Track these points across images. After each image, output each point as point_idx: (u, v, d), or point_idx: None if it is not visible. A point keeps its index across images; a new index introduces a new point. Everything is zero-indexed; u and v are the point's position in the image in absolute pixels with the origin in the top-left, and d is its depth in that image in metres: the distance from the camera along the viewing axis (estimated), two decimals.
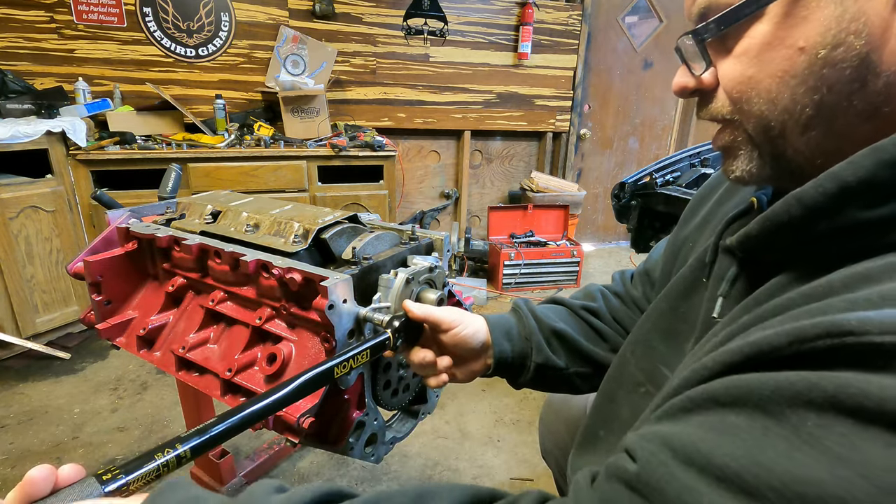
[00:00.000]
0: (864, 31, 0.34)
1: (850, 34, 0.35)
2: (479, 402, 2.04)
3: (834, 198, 0.34)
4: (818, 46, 0.36)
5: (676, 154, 2.05)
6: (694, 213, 0.67)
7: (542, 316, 0.76)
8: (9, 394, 1.99)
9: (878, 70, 0.35)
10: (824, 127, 0.38)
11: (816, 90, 0.37)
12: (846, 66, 0.35)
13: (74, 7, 2.50)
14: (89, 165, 2.26)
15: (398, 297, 0.77)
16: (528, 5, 3.24)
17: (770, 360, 0.30)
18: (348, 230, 0.89)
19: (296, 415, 0.68)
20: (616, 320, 0.81)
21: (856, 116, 0.37)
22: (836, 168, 0.35)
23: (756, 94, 0.40)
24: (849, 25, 0.35)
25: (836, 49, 0.35)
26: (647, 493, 0.31)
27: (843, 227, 0.35)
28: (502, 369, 0.74)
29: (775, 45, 0.38)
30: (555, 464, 1.02)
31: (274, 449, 1.64)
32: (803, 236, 0.38)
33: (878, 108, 0.36)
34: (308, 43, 2.89)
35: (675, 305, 0.57)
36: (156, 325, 0.94)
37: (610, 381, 0.66)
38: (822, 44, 0.36)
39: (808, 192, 0.36)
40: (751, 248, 0.43)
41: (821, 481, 0.25)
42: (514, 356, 0.73)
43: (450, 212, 3.71)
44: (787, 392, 0.27)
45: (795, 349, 0.29)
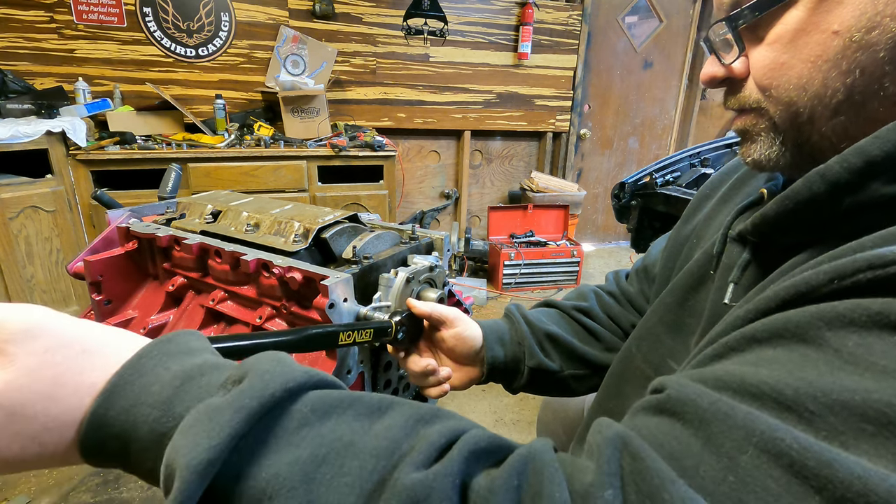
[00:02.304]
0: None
1: (885, 16, 0.34)
2: (479, 402, 2.04)
3: (859, 173, 0.34)
4: (853, 30, 0.36)
5: (676, 154, 2.05)
6: (697, 209, 0.67)
7: (535, 320, 0.76)
8: None
9: None
10: (853, 112, 0.38)
11: (849, 74, 0.37)
12: (880, 49, 0.35)
13: (74, 7, 2.50)
14: (89, 165, 2.26)
15: (398, 296, 0.77)
16: (528, 5, 3.24)
17: (810, 298, 0.29)
18: (348, 229, 0.89)
19: None
20: (610, 318, 0.80)
21: (885, 100, 0.37)
22: (862, 143, 0.34)
23: (787, 80, 0.40)
24: (885, 8, 0.34)
25: (872, 32, 0.35)
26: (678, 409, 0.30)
27: (867, 202, 0.34)
28: (496, 374, 0.74)
29: (809, 31, 0.38)
30: None
31: None
32: (825, 214, 0.37)
33: None
34: (308, 43, 2.89)
35: (681, 299, 0.57)
36: (156, 325, 0.94)
37: (614, 377, 0.66)
38: (856, 27, 0.35)
39: (833, 168, 0.35)
40: (767, 231, 0.43)
41: (866, 390, 0.24)
42: (507, 361, 0.73)
43: (450, 212, 3.72)
44: (828, 316, 0.26)
45: (836, 286, 0.28)
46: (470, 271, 3.38)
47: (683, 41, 3.79)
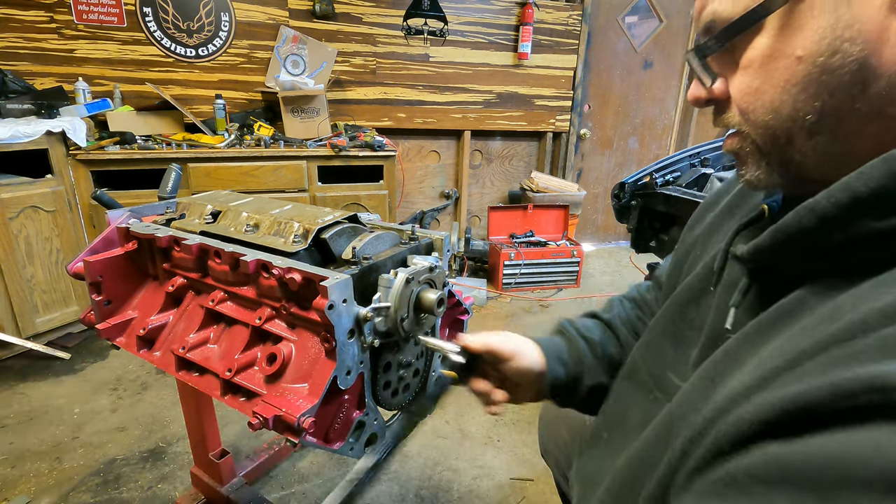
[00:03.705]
0: (860, 37, 0.35)
1: (844, 41, 0.35)
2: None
3: (847, 208, 0.35)
4: (815, 55, 0.37)
5: (676, 154, 2.05)
6: (701, 218, 0.67)
7: (589, 334, 0.76)
8: (9, 394, 1.99)
9: (878, 72, 0.35)
10: (830, 131, 0.38)
11: (818, 97, 0.37)
12: (845, 72, 0.36)
13: (74, 7, 2.50)
14: (89, 165, 2.26)
15: (398, 296, 0.77)
16: (528, 5, 3.24)
17: (806, 421, 0.27)
18: (348, 230, 0.89)
19: (296, 414, 0.68)
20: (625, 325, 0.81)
21: (860, 119, 0.37)
22: (848, 178, 0.35)
23: (761, 104, 0.40)
24: (843, 33, 0.35)
25: (833, 56, 0.36)
26: None
27: (859, 237, 0.35)
28: (555, 393, 0.74)
29: (776, 56, 0.39)
30: (554, 464, 1.02)
31: (274, 449, 1.64)
32: (817, 248, 0.38)
33: (882, 110, 0.36)
34: (308, 43, 2.89)
35: (683, 311, 0.57)
36: (156, 325, 0.94)
37: (620, 383, 0.66)
38: (818, 52, 0.36)
39: (821, 203, 0.36)
40: (762, 260, 0.43)
41: None
42: (567, 381, 0.73)
43: (450, 212, 3.71)
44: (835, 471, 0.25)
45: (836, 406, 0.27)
46: (470, 271, 3.38)
47: (683, 41, 3.79)
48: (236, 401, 0.79)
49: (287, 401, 0.71)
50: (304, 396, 0.72)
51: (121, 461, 1.66)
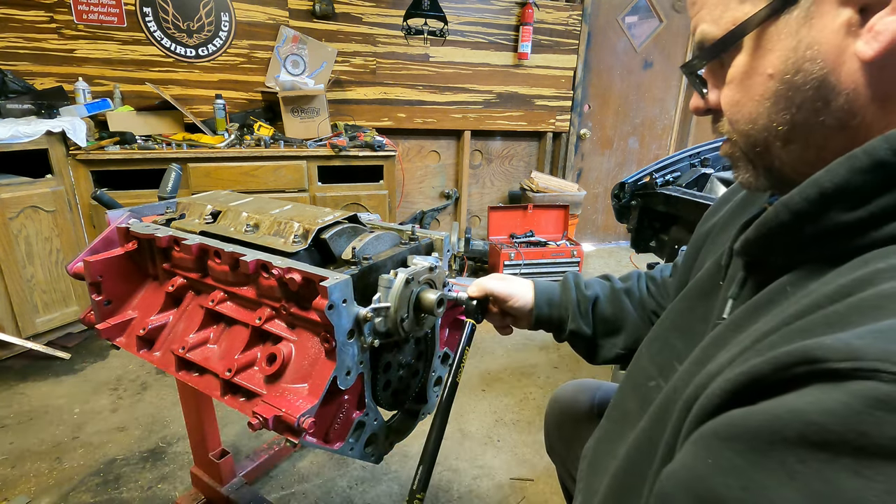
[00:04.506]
0: (819, 57, 0.39)
1: (806, 61, 0.39)
2: (479, 402, 2.04)
3: (815, 203, 0.38)
4: (783, 73, 0.41)
5: (676, 154, 2.05)
6: (715, 212, 0.70)
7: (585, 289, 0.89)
8: (9, 394, 1.99)
9: (837, 89, 0.39)
10: (802, 140, 0.42)
11: (787, 110, 0.41)
12: (808, 88, 0.40)
13: (74, 7, 2.50)
14: (89, 165, 2.26)
15: (398, 297, 0.77)
16: (528, 5, 3.24)
17: (757, 390, 0.31)
18: (348, 230, 0.89)
19: (296, 415, 0.68)
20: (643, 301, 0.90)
21: (827, 129, 0.40)
22: (816, 175, 0.38)
23: (742, 116, 0.45)
24: (804, 53, 0.39)
25: (797, 74, 0.40)
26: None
27: (828, 229, 0.38)
28: (542, 326, 0.91)
29: (751, 74, 0.43)
30: (559, 461, 1.03)
31: (274, 449, 1.64)
32: (793, 239, 0.41)
33: (845, 123, 0.40)
34: (308, 43, 2.89)
35: (693, 305, 0.59)
36: (156, 325, 0.94)
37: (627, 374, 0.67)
38: (784, 70, 0.40)
39: (794, 198, 0.39)
40: (751, 252, 0.47)
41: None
42: (552, 319, 0.89)
43: (450, 212, 3.71)
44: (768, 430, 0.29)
45: (776, 377, 0.30)
46: (470, 271, 3.38)
47: (683, 41, 3.78)
48: (236, 401, 0.79)
49: (287, 401, 0.71)
50: (304, 396, 0.72)
51: (121, 461, 1.66)
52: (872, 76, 0.37)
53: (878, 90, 0.38)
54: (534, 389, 2.14)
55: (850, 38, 0.37)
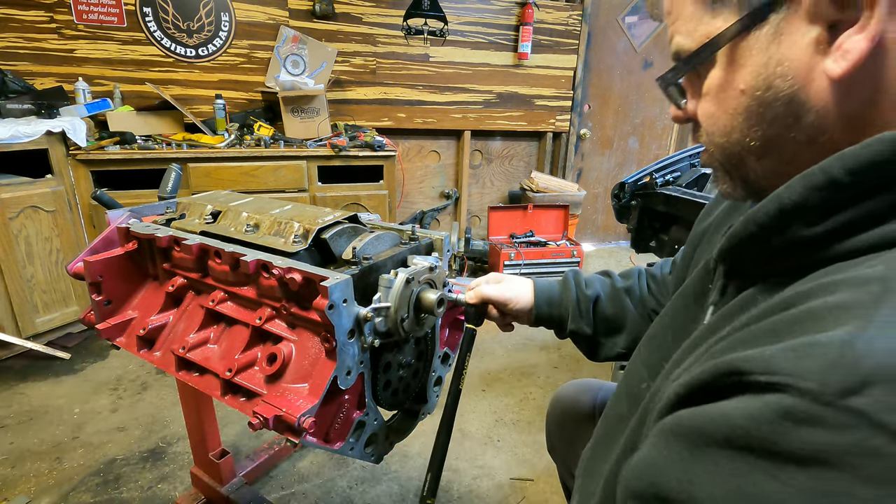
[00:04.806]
0: (789, 74, 0.39)
1: (776, 77, 0.39)
2: (479, 402, 2.04)
3: (776, 218, 0.39)
4: (754, 89, 0.41)
5: (676, 154, 2.05)
6: (711, 211, 0.70)
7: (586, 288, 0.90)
8: (9, 394, 1.99)
9: (807, 106, 0.39)
10: (775, 155, 0.43)
11: (759, 125, 0.42)
12: (779, 104, 0.40)
13: (74, 7, 2.50)
14: (89, 165, 2.26)
15: (398, 297, 0.77)
16: (528, 5, 3.24)
17: (697, 395, 0.34)
18: (348, 230, 0.89)
19: (296, 414, 0.68)
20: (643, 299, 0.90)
21: (798, 145, 0.41)
22: (777, 191, 0.39)
23: (717, 128, 0.45)
24: (775, 70, 0.39)
25: (768, 91, 0.40)
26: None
27: (792, 242, 0.39)
28: (542, 324, 0.92)
29: (725, 88, 0.43)
30: (561, 461, 1.03)
31: (274, 449, 1.64)
32: (761, 251, 0.42)
33: (814, 139, 0.40)
34: (308, 43, 2.89)
35: (686, 306, 0.59)
36: (156, 325, 0.94)
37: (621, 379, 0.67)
38: (756, 86, 0.41)
39: (758, 213, 0.40)
40: (726, 261, 0.48)
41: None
42: (552, 318, 0.91)
43: (450, 212, 3.71)
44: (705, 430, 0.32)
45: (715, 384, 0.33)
46: (470, 271, 3.38)
47: None
48: (236, 401, 0.79)
49: (287, 401, 0.71)
50: (305, 396, 0.72)
51: (121, 461, 1.66)
52: (841, 94, 0.37)
53: (846, 108, 0.38)
54: (534, 389, 2.14)
55: (819, 56, 0.37)
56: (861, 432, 0.25)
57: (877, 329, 0.28)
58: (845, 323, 0.29)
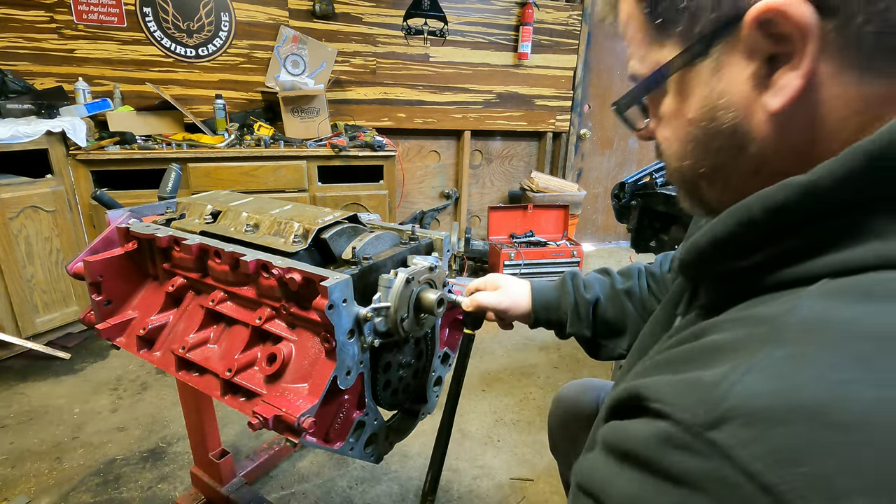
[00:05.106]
0: (731, 107, 0.39)
1: (719, 109, 0.40)
2: (479, 402, 2.04)
3: (711, 247, 0.40)
4: (700, 118, 0.42)
5: None
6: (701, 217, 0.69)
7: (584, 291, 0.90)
8: (9, 394, 1.99)
9: (750, 137, 0.40)
10: (723, 182, 0.44)
11: (707, 154, 0.43)
12: (723, 135, 0.41)
13: (74, 7, 2.50)
14: (89, 165, 2.26)
15: (398, 297, 0.77)
16: (528, 5, 3.24)
17: (617, 410, 0.38)
18: (348, 230, 0.89)
19: (296, 414, 0.68)
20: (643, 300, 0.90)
21: (743, 174, 0.42)
22: (711, 223, 0.40)
23: (672, 152, 0.46)
24: (717, 102, 0.40)
25: (712, 122, 0.41)
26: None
27: (727, 271, 0.41)
28: (541, 326, 0.94)
29: (676, 115, 0.44)
30: (563, 459, 1.03)
31: (274, 449, 1.64)
32: (705, 274, 0.44)
33: (759, 169, 0.41)
34: (308, 43, 2.89)
35: (664, 312, 0.60)
36: (156, 325, 0.94)
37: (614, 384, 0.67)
38: (701, 117, 0.41)
39: (699, 240, 0.41)
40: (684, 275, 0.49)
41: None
42: (549, 322, 0.93)
43: (450, 212, 3.71)
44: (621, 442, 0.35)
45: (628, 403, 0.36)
46: (470, 271, 3.38)
47: None
48: (236, 401, 0.79)
49: (287, 401, 0.71)
50: (304, 396, 0.72)
51: (121, 461, 1.66)
52: (780, 127, 0.38)
53: (787, 140, 0.39)
54: (534, 389, 2.14)
55: (758, 90, 0.38)
56: (715, 462, 0.28)
57: (744, 373, 0.30)
58: (727, 363, 0.32)
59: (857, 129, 0.36)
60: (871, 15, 0.33)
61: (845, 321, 0.30)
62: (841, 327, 0.30)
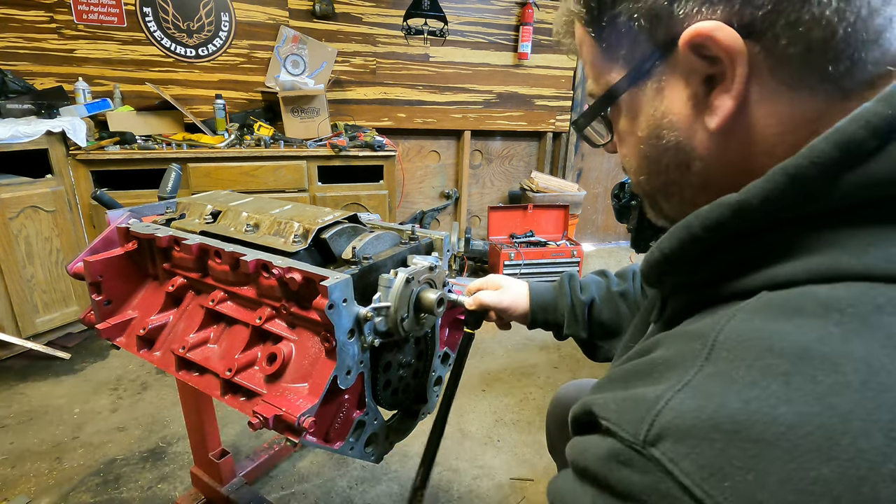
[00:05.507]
0: (674, 126, 0.41)
1: (663, 129, 0.42)
2: (479, 402, 2.04)
3: (662, 263, 0.42)
4: (648, 136, 0.43)
5: None
6: None
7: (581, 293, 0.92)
8: (9, 394, 1.99)
9: (693, 154, 0.41)
10: (677, 196, 0.45)
11: (658, 170, 0.45)
12: (669, 153, 0.42)
13: (74, 7, 2.50)
14: (89, 165, 2.26)
15: (398, 296, 0.77)
16: (528, 5, 3.24)
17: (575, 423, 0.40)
18: (348, 230, 0.89)
19: (296, 414, 0.68)
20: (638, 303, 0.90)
21: (693, 188, 0.43)
22: (661, 239, 0.42)
23: (630, 167, 0.48)
24: (660, 121, 0.42)
25: (659, 139, 0.42)
26: None
27: (681, 284, 0.43)
28: (538, 327, 0.95)
29: (629, 133, 0.45)
30: (561, 461, 1.03)
31: (274, 449, 1.64)
32: (661, 286, 0.46)
33: (706, 184, 0.42)
34: (308, 43, 2.89)
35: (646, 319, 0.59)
36: (156, 325, 0.94)
37: None
38: (649, 135, 0.43)
39: (653, 254, 0.43)
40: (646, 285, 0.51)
41: None
42: (547, 323, 0.94)
43: (450, 212, 3.71)
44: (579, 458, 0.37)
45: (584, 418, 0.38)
46: (470, 271, 3.38)
47: None
48: (236, 401, 0.79)
49: (287, 400, 0.71)
50: (304, 396, 0.72)
51: (121, 461, 1.66)
52: (720, 144, 0.40)
53: (727, 156, 0.40)
54: (534, 389, 2.14)
55: (696, 110, 0.39)
56: (655, 475, 0.30)
57: (680, 391, 0.31)
58: (665, 380, 0.33)
59: (793, 144, 0.36)
60: (795, 37, 0.34)
61: (769, 337, 0.31)
62: (764, 343, 0.31)
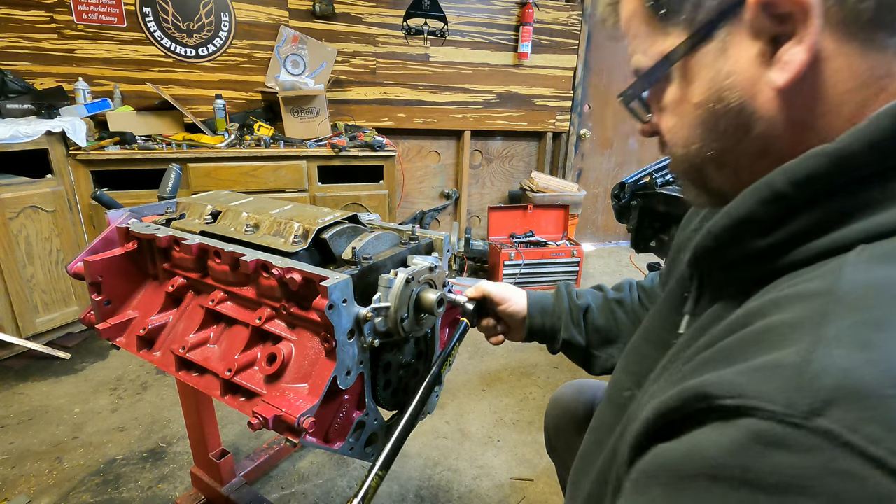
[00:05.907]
0: (737, 87, 0.40)
1: (725, 90, 0.41)
2: (479, 402, 2.04)
3: (729, 230, 0.40)
4: (706, 102, 0.43)
5: None
6: (692, 217, 0.69)
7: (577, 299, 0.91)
8: (9, 394, 1.99)
9: (755, 117, 0.40)
10: (732, 164, 0.44)
11: (714, 137, 0.43)
12: (730, 116, 0.42)
13: (74, 7, 2.50)
14: (89, 165, 2.26)
15: (398, 297, 0.77)
16: (528, 5, 3.24)
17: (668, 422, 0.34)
18: (348, 230, 0.89)
19: (296, 414, 0.68)
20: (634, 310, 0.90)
21: (750, 156, 0.42)
22: (729, 206, 0.41)
23: (678, 140, 0.47)
24: (723, 83, 0.41)
25: (719, 103, 0.42)
26: None
27: (748, 253, 0.40)
28: (536, 337, 0.92)
29: (681, 102, 0.45)
30: (560, 461, 1.03)
31: (274, 449, 1.64)
32: (721, 261, 0.44)
33: (766, 149, 0.41)
34: (308, 43, 2.89)
35: (666, 313, 0.59)
36: (156, 325, 0.94)
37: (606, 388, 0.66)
38: (708, 99, 0.42)
39: (716, 224, 0.41)
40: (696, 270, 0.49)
41: None
42: (545, 329, 0.91)
43: (450, 212, 3.71)
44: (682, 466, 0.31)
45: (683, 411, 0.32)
46: (470, 271, 3.38)
47: None
48: (236, 401, 0.79)
49: (287, 401, 0.71)
50: (304, 396, 0.72)
51: (121, 461, 1.66)
52: (786, 103, 0.39)
53: (792, 116, 0.39)
54: (534, 389, 2.14)
55: (763, 68, 0.39)
56: (827, 453, 0.25)
57: (826, 347, 0.27)
58: (797, 342, 0.29)
59: (861, 102, 0.36)
60: None
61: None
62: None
